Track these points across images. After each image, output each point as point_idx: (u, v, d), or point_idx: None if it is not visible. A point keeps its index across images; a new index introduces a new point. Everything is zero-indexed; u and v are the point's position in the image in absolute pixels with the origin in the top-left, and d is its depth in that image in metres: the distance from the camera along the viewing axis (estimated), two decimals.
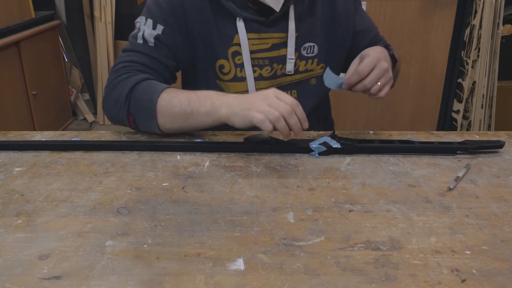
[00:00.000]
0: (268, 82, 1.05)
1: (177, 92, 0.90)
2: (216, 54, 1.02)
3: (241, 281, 0.54)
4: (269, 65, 1.04)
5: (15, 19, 2.47)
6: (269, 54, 1.03)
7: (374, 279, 0.55)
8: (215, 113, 0.86)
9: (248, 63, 1.02)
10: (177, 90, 0.91)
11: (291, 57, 1.04)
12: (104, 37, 2.98)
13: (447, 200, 0.72)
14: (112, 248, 0.60)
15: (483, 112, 2.44)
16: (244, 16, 0.99)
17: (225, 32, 1.01)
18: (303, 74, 1.08)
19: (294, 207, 0.70)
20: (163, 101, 0.88)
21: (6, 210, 0.69)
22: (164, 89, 0.90)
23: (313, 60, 1.07)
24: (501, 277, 0.55)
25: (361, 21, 1.13)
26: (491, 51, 2.35)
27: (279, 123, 0.79)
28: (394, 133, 0.98)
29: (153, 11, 0.99)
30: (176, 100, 0.88)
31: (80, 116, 3.24)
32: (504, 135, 0.97)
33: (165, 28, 0.97)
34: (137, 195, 0.73)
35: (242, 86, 1.05)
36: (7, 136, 0.96)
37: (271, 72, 1.05)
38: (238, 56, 1.02)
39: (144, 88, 0.90)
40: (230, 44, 1.01)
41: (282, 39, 1.03)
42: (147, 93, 0.90)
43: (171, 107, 0.88)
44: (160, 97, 0.88)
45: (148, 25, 0.98)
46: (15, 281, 0.54)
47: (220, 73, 1.04)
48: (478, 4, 2.29)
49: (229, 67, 1.03)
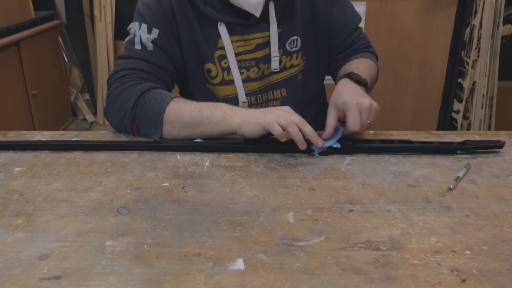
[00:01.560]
0: (256, 83, 1.06)
1: (186, 102, 0.91)
2: (203, 58, 1.03)
3: (241, 281, 0.54)
4: (255, 66, 1.04)
5: (15, 19, 2.47)
6: (254, 55, 1.04)
7: (374, 279, 0.55)
8: (226, 122, 0.87)
9: (234, 65, 1.02)
10: (186, 100, 0.92)
11: (275, 55, 1.04)
12: (104, 37, 2.98)
13: (447, 200, 0.72)
14: (112, 248, 0.60)
15: (483, 112, 2.44)
16: (225, 20, 0.99)
17: (210, 36, 1.01)
18: (289, 71, 1.08)
19: (294, 207, 0.70)
20: (171, 110, 0.89)
21: (6, 210, 0.69)
22: (173, 98, 0.91)
23: (297, 54, 1.07)
24: (501, 277, 0.55)
25: (339, 12, 1.09)
26: (491, 51, 2.35)
27: (292, 128, 0.81)
28: (394, 133, 0.98)
29: (145, 16, 0.98)
30: (186, 109, 0.89)
31: (80, 116, 3.24)
32: (504, 135, 0.97)
33: (160, 32, 0.97)
34: (137, 195, 0.73)
35: (231, 89, 1.05)
36: (7, 136, 0.96)
37: (258, 72, 1.05)
38: (224, 60, 1.02)
39: (152, 97, 0.91)
40: (215, 48, 1.02)
41: (265, 38, 1.03)
42: (155, 103, 0.90)
43: (180, 115, 0.89)
44: (169, 107, 0.89)
45: (143, 29, 0.97)
46: (15, 281, 0.54)
47: (208, 77, 1.05)
48: (478, 4, 2.28)
49: (216, 71, 1.04)
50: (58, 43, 2.94)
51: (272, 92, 1.08)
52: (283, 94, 1.09)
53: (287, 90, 1.09)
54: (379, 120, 0.93)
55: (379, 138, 0.95)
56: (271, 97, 1.09)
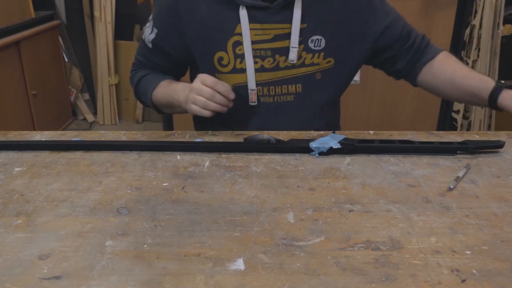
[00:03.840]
0: (270, 73, 1.04)
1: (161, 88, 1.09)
2: (214, 47, 1.03)
3: (241, 281, 0.54)
4: (271, 56, 1.03)
5: (15, 19, 2.47)
6: (271, 45, 1.02)
7: (374, 279, 0.55)
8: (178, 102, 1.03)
9: (249, 53, 1.02)
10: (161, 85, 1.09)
11: (294, 46, 1.02)
12: (104, 37, 2.98)
13: (447, 200, 0.72)
14: (112, 248, 0.60)
15: (483, 112, 2.44)
16: (248, 3, 0.98)
17: (227, 22, 1.01)
18: (308, 68, 1.05)
19: (294, 207, 0.70)
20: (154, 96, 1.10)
21: (6, 210, 0.69)
22: (156, 86, 1.09)
23: (319, 53, 1.05)
24: (501, 277, 0.55)
25: (385, 16, 1.09)
26: (491, 51, 2.35)
27: (210, 106, 0.94)
28: (394, 133, 0.98)
29: (154, 14, 1.07)
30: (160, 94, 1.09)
31: (80, 116, 3.24)
32: (504, 135, 0.97)
33: (159, 31, 1.06)
34: (137, 195, 0.73)
35: (242, 77, 1.04)
36: (7, 136, 0.96)
37: (273, 63, 1.03)
38: (239, 46, 1.02)
39: (142, 83, 1.14)
40: (231, 34, 1.01)
41: (285, 30, 1.01)
42: (144, 89, 1.13)
43: (159, 99, 1.10)
44: (153, 94, 1.10)
45: (149, 27, 1.08)
46: (15, 281, 0.54)
47: (219, 65, 1.04)
48: (478, 4, 2.28)
49: (228, 59, 1.03)
50: (58, 43, 2.94)
51: (287, 87, 1.06)
52: (298, 90, 1.06)
53: (303, 87, 1.06)
54: (379, 120, 0.93)
55: (379, 138, 0.95)
56: (285, 91, 1.07)
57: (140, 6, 2.91)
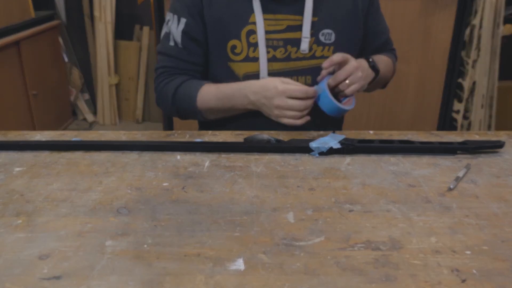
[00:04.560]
0: (281, 64, 1.06)
1: (210, 87, 1.04)
2: (228, 35, 1.04)
3: (241, 281, 0.54)
4: (283, 46, 1.05)
5: (15, 19, 2.47)
6: (284, 36, 1.04)
7: (374, 279, 0.55)
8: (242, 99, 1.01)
9: (262, 42, 1.03)
10: (209, 85, 1.05)
11: (306, 36, 1.04)
12: (104, 37, 2.98)
13: (447, 200, 0.72)
14: (112, 248, 0.60)
15: (483, 112, 2.44)
16: None
17: (241, 11, 1.03)
18: (318, 60, 1.07)
19: (294, 207, 0.70)
20: (200, 100, 1.05)
21: (6, 210, 0.69)
22: (199, 89, 1.04)
23: (329, 47, 1.07)
24: (501, 277, 0.55)
25: (378, 22, 1.16)
26: (491, 51, 2.35)
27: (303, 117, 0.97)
28: (394, 133, 0.98)
29: (176, 6, 1.06)
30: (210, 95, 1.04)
31: (80, 116, 3.24)
32: (504, 135, 0.97)
33: (188, 20, 1.04)
34: (137, 195, 0.73)
35: (254, 66, 1.05)
36: (7, 136, 0.96)
37: (285, 54, 1.05)
38: (253, 35, 1.03)
39: (182, 93, 1.06)
40: (246, 23, 1.03)
41: (297, 21, 1.04)
42: (186, 98, 1.06)
43: (208, 101, 1.04)
44: (197, 98, 1.04)
45: (174, 21, 1.06)
46: (15, 281, 0.54)
47: (231, 53, 1.05)
48: (478, 4, 2.29)
49: (241, 47, 1.04)
50: (58, 43, 2.94)
51: (297, 78, 1.07)
52: (308, 82, 1.08)
53: (312, 79, 1.08)
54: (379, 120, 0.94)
55: (379, 138, 0.95)
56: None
57: (140, 6, 2.91)
